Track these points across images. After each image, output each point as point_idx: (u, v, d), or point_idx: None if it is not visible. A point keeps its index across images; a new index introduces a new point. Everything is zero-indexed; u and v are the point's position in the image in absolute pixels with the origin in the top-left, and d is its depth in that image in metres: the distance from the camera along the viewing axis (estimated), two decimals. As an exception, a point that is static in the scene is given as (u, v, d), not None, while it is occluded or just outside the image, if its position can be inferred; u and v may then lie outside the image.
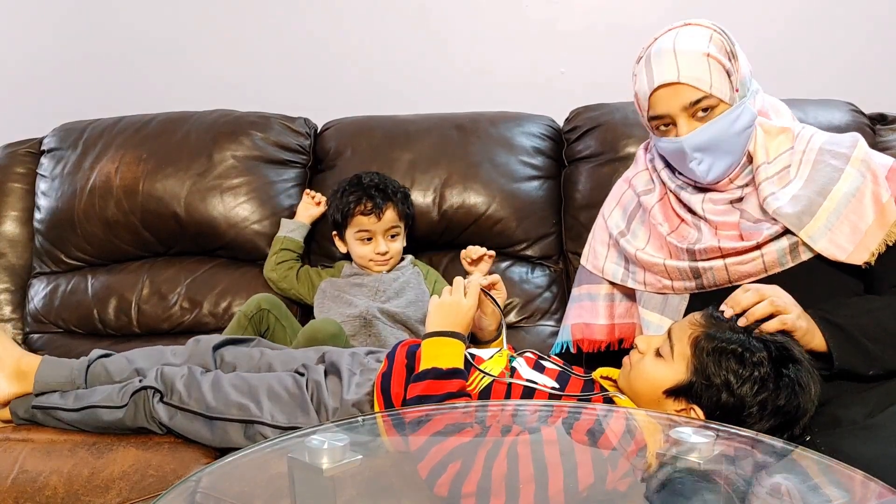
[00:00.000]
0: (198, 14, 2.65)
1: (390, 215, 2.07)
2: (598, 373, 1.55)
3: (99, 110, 2.47)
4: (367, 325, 1.98)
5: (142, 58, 2.69)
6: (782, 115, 1.64)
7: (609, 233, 1.71)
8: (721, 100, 1.50)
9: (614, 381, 1.52)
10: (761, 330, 1.36)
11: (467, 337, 1.61)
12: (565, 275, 2.20)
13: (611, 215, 1.74)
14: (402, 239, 2.13)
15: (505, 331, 1.64)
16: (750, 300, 1.38)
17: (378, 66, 2.60)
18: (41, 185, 2.35)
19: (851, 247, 1.47)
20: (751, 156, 1.56)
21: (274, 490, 1.12)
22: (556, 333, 1.87)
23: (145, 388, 1.60)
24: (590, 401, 1.46)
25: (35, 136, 2.46)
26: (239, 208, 2.23)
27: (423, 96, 2.52)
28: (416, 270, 2.13)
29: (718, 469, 1.09)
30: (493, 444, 1.28)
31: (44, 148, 2.41)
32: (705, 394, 1.33)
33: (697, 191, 1.60)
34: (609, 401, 1.46)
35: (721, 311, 1.40)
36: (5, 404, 1.69)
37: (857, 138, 1.58)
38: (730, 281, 1.53)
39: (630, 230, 1.68)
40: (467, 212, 2.19)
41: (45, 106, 2.69)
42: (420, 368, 1.48)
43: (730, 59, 1.52)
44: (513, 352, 1.61)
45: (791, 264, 1.50)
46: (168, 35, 2.67)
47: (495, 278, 1.67)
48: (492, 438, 1.31)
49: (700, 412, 1.34)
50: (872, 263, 1.48)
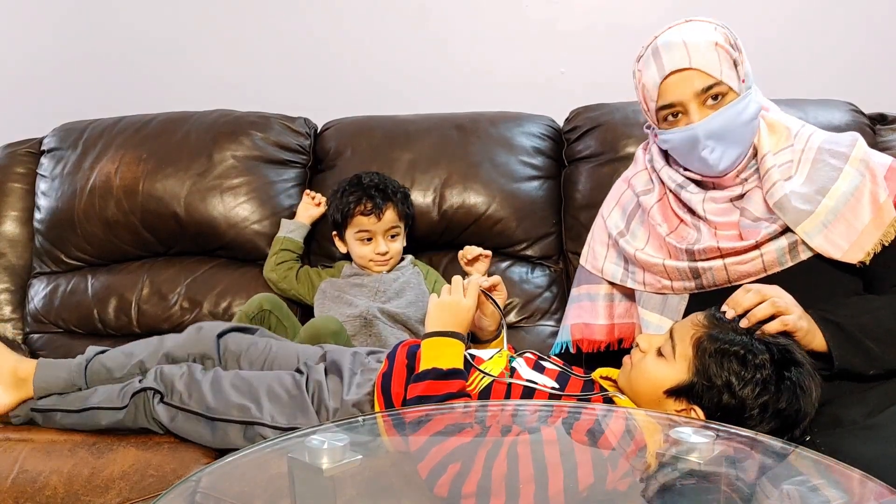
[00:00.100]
0: (198, 14, 2.65)
1: (390, 215, 2.07)
2: (598, 373, 1.55)
3: (99, 110, 2.47)
4: (367, 325, 1.98)
5: (142, 58, 2.69)
6: (776, 114, 1.65)
7: (608, 233, 1.71)
8: (730, 88, 1.51)
9: (614, 381, 1.51)
10: (763, 331, 1.36)
11: (467, 336, 1.61)
12: (565, 275, 2.20)
13: (610, 215, 1.73)
14: (402, 239, 2.12)
15: (505, 331, 1.64)
16: (751, 301, 1.38)
17: (378, 66, 2.60)
18: (41, 185, 2.35)
19: (847, 245, 1.48)
20: (755, 148, 1.57)
21: (274, 490, 1.12)
22: (556, 333, 1.87)
23: (145, 389, 1.60)
24: (590, 401, 1.46)
25: (35, 136, 2.46)
26: (239, 208, 2.23)
27: (423, 96, 2.52)
28: (416, 270, 2.13)
29: (718, 469, 1.09)
30: (493, 445, 1.28)
31: (44, 148, 2.41)
32: (706, 395, 1.33)
33: (699, 189, 1.59)
34: (609, 401, 1.46)
35: (722, 311, 1.40)
36: (6, 413, 1.67)
37: (855, 137, 1.59)
38: (729, 281, 1.53)
39: (629, 230, 1.68)
40: (467, 212, 2.19)
41: (45, 106, 2.69)
42: (420, 369, 1.47)
43: (736, 49, 1.54)
44: (513, 352, 1.61)
45: (790, 264, 1.51)
46: (168, 35, 2.67)
47: (496, 280, 1.65)
48: (492, 438, 1.31)
49: (700, 413, 1.34)
50: (867, 263, 1.48)
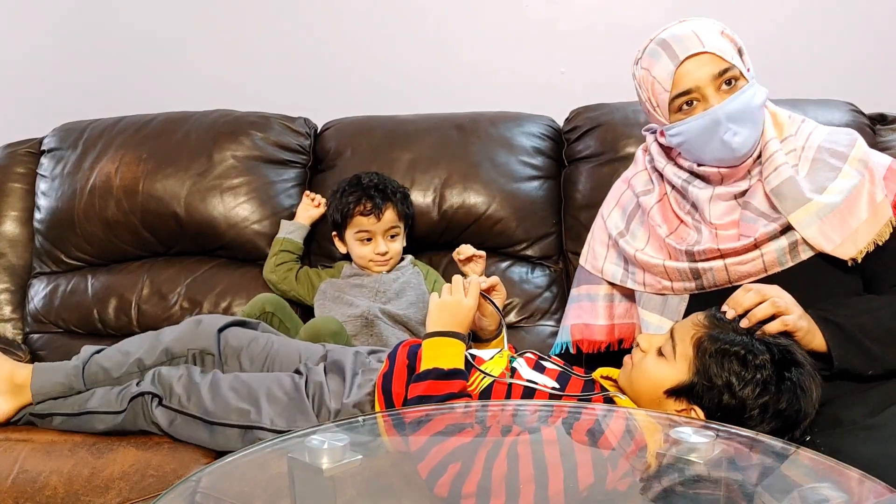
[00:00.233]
0: (198, 14, 2.65)
1: (390, 215, 2.07)
2: (599, 373, 1.55)
3: (99, 110, 2.47)
4: (368, 325, 1.97)
5: (142, 58, 2.69)
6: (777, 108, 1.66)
7: (608, 233, 1.71)
8: (741, 73, 1.53)
9: (614, 380, 1.51)
10: (763, 331, 1.36)
11: (468, 336, 1.61)
12: (565, 275, 2.20)
13: (610, 216, 1.73)
14: (401, 239, 2.12)
15: (505, 332, 1.64)
16: (752, 301, 1.38)
17: (378, 66, 2.60)
18: (41, 185, 2.35)
19: (840, 239, 1.48)
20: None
21: (274, 490, 1.12)
22: (556, 333, 1.87)
23: (143, 393, 1.59)
24: (590, 401, 1.46)
25: (35, 136, 2.45)
26: (239, 208, 2.23)
27: (423, 96, 2.52)
28: (416, 270, 2.13)
29: (718, 469, 1.09)
30: (493, 445, 1.28)
31: (44, 148, 2.41)
32: (706, 395, 1.33)
33: (706, 184, 1.59)
34: (609, 401, 1.46)
35: (723, 311, 1.40)
36: (6, 420, 1.66)
37: (855, 137, 1.59)
38: (730, 281, 1.53)
39: (629, 231, 1.68)
40: (467, 212, 2.19)
41: (45, 106, 2.69)
42: (421, 369, 1.47)
43: (737, 41, 1.56)
44: (513, 352, 1.61)
45: (791, 264, 1.50)
46: (168, 35, 2.67)
47: (494, 280, 1.65)
48: (492, 438, 1.31)
49: (701, 413, 1.34)
50: (859, 261, 1.48)
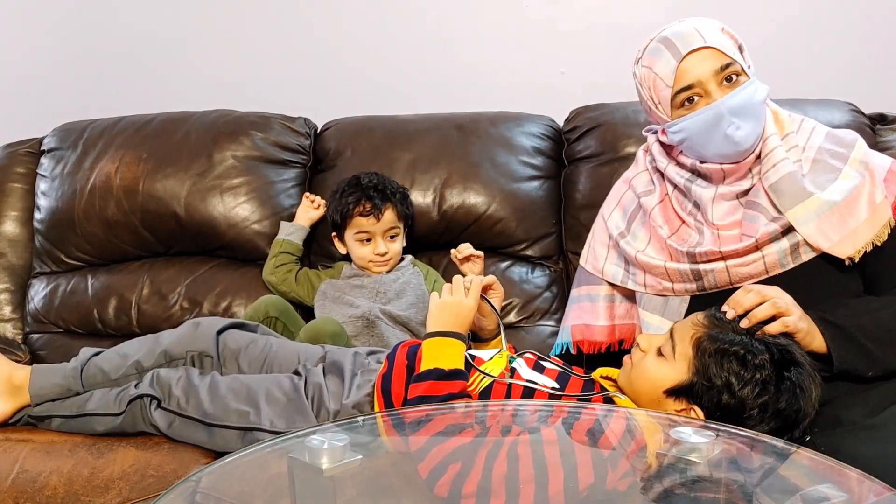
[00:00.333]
0: (198, 14, 2.65)
1: (389, 216, 2.07)
2: (599, 372, 1.55)
3: (99, 110, 2.47)
4: (369, 325, 1.97)
5: (142, 58, 2.69)
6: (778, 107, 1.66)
7: (609, 234, 1.71)
8: (743, 69, 1.53)
9: (614, 380, 1.51)
10: (763, 332, 1.36)
11: (468, 336, 1.61)
12: (565, 275, 2.19)
13: (611, 216, 1.73)
14: (401, 239, 2.12)
15: (503, 332, 1.64)
16: (752, 301, 1.38)
17: (378, 66, 2.60)
18: (41, 185, 2.35)
19: (837, 238, 1.48)
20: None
21: (274, 490, 1.12)
22: (556, 333, 1.87)
23: (142, 395, 1.59)
24: (590, 401, 1.46)
25: (35, 136, 2.45)
26: (239, 208, 2.23)
27: (423, 96, 2.52)
28: (416, 271, 2.13)
29: (718, 469, 1.09)
30: (493, 445, 1.28)
31: (44, 148, 2.40)
32: (706, 395, 1.33)
33: (709, 183, 1.59)
34: (609, 401, 1.46)
35: (723, 312, 1.40)
36: (5, 421, 1.66)
37: (855, 138, 1.59)
38: (731, 282, 1.53)
39: (630, 231, 1.68)
40: (467, 212, 2.19)
41: (45, 106, 2.69)
42: (421, 369, 1.47)
43: (737, 38, 1.57)
44: (513, 352, 1.61)
45: (792, 265, 1.50)
46: (168, 35, 2.67)
47: (491, 279, 1.66)
48: (492, 439, 1.31)
49: (700, 413, 1.34)
50: (856, 260, 1.48)
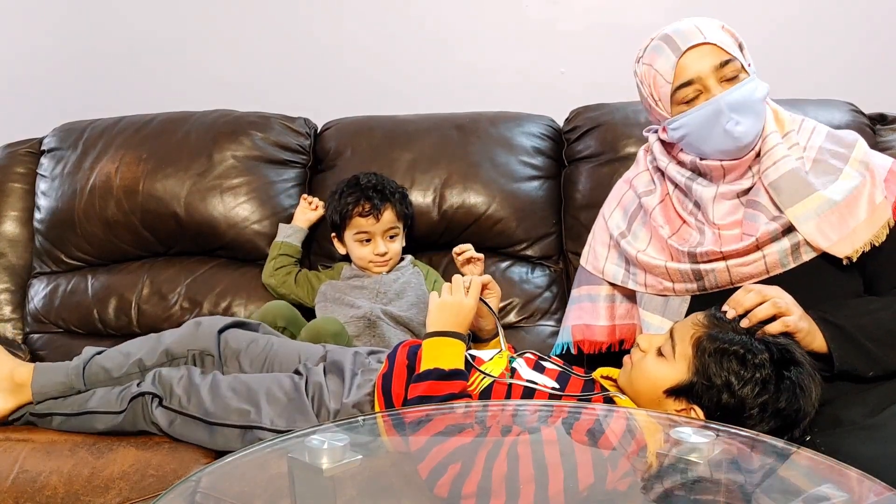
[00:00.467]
0: (198, 14, 2.65)
1: (388, 216, 2.06)
2: (599, 372, 1.55)
3: (99, 110, 2.47)
4: (371, 325, 1.97)
5: (142, 58, 2.69)
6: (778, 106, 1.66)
7: (610, 234, 1.71)
8: (742, 67, 1.53)
9: (615, 380, 1.51)
10: (763, 331, 1.36)
11: (468, 336, 1.61)
12: (565, 275, 2.20)
13: (611, 216, 1.73)
14: (401, 239, 2.12)
15: (502, 332, 1.64)
16: (752, 301, 1.38)
17: (378, 66, 2.60)
18: (41, 185, 2.35)
19: (837, 237, 1.48)
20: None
21: (274, 490, 1.12)
22: (556, 333, 1.87)
23: (143, 393, 1.59)
24: (590, 401, 1.46)
25: (35, 136, 2.45)
26: (239, 208, 2.23)
27: (423, 96, 2.52)
28: (416, 271, 2.13)
29: (718, 469, 1.09)
30: (493, 445, 1.28)
31: (44, 148, 2.40)
32: (706, 394, 1.33)
33: (710, 182, 1.59)
34: (609, 401, 1.46)
35: (723, 311, 1.40)
36: (5, 418, 1.66)
37: (856, 138, 1.59)
38: (731, 282, 1.53)
39: (631, 231, 1.68)
40: (467, 212, 2.19)
41: (45, 106, 2.69)
42: (421, 369, 1.47)
43: (737, 36, 1.57)
44: (513, 352, 1.61)
45: (792, 265, 1.50)
46: (168, 35, 2.67)
47: (486, 278, 1.66)
48: (492, 439, 1.31)
49: (700, 412, 1.34)
50: (854, 259, 1.48)
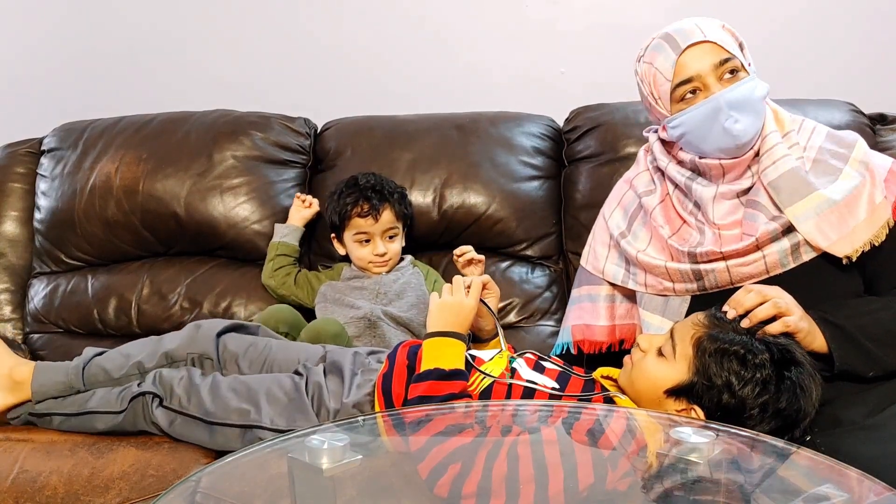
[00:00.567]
0: (198, 14, 2.65)
1: (388, 216, 2.06)
2: (599, 372, 1.55)
3: (99, 110, 2.47)
4: (371, 326, 1.97)
5: (142, 58, 2.69)
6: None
7: (610, 234, 1.71)
8: (742, 65, 1.54)
9: (615, 380, 1.51)
10: (764, 332, 1.36)
11: (468, 336, 1.61)
12: (565, 275, 2.20)
13: (611, 216, 1.73)
14: (400, 239, 2.12)
15: (501, 332, 1.64)
16: (752, 301, 1.38)
17: (378, 66, 2.60)
18: (41, 185, 2.35)
19: (836, 237, 1.48)
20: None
21: (274, 490, 1.12)
22: (557, 333, 1.87)
23: (144, 393, 1.59)
24: (590, 401, 1.46)
25: (35, 136, 2.45)
26: (239, 208, 2.23)
27: (423, 96, 2.52)
28: (415, 271, 2.13)
29: (718, 469, 1.09)
30: (493, 445, 1.28)
31: (44, 148, 2.40)
32: (706, 394, 1.33)
33: (709, 182, 1.59)
34: (609, 401, 1.46)
35: (724, 311, 1.40)
36: (3, 415, 1.66)
37: (856, 138, 1.59)
38: (731, 282, 1.53)
39: (631, 231, 1.68)
40: (467, 212, 2.19)
41: (45, 106, 2.69)
42: (421, 369, 1.47)
43: (737, 36, 1.57)
44: (513, 352, 1.61)
45: (792, 265, 1.50)
46: (168, 35, 2.67)
47: (486, 278, 1.66)
48: (492, 439, 1.31)
49: (700, 413, 1.34)
50: (853, 259, 1.48)
